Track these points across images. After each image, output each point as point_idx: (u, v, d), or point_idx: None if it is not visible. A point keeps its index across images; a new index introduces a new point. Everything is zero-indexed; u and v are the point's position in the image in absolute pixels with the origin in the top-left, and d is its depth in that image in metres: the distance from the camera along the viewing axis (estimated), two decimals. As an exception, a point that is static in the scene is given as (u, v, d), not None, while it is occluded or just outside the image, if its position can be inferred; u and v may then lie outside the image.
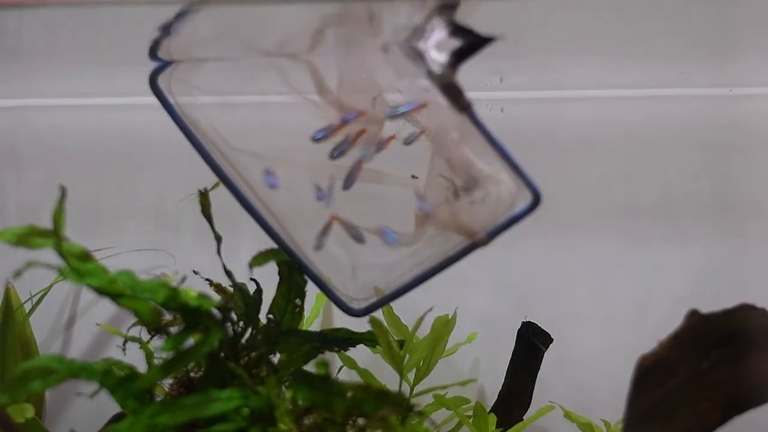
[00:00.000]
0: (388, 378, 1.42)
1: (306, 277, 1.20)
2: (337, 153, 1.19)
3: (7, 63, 1.51)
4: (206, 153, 1.18)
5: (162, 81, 1.20)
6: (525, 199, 1.09)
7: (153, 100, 1.73)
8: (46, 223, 1.01)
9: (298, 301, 1.23)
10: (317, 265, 1.20)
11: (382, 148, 1.20)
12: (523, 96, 1.24)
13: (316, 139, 1.19)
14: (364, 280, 1.23)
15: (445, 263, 1.12)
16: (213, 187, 1.19)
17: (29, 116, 1.84)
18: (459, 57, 1.04)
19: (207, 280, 1.23)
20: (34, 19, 1.21)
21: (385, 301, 1.18)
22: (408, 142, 1.21)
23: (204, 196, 1.19)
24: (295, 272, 1.21)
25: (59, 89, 1.74)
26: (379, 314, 1.31)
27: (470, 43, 1.05)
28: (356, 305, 1.19)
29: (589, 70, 1.59)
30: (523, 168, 1.06)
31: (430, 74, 1.06)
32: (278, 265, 1.22)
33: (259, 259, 1.18)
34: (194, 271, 1.24)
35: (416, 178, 1.25)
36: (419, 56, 1.06)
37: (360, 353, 1.39)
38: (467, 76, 1.04)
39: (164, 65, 1.21)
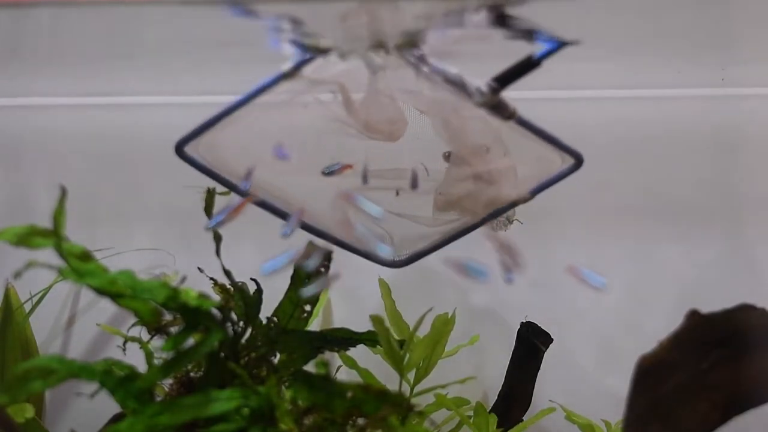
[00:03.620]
0: (388, 378, 1.42)
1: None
2: (328, 171, 1.22)
3: (7, 62, 1.51)
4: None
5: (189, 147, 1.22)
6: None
7: (154, 99, 1.74)
8: (47, 223, 1.01)
9: (307, 307, 1.23)
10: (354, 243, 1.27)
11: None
12: (524, 96, 1.25)
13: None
14: (400, 244, 1.32)
15: (487, 218, 1.26)
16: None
17: (29, 116, 1.84)
18: (502, 82, 1.14)
19: (211, 279, 1.23)
20: (34, 18, 1.21)
21: (426, 252, 1.28)
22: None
23: (209, 195, 1.19)
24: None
25: (59, 89, 1.74)
26: (381, 314, 1.31)
27: (512, 71, 1.13)
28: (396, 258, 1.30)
29: (589, 70, 1.59)
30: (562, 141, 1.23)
31: (476, 101, 1.14)
32: (296, 269, 1.22)
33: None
34: (199, 269, 1.24)
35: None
36: (462, 84, 1.12)
37: (360, 353, 1.39)
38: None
39: (188, 137, 1.22)
